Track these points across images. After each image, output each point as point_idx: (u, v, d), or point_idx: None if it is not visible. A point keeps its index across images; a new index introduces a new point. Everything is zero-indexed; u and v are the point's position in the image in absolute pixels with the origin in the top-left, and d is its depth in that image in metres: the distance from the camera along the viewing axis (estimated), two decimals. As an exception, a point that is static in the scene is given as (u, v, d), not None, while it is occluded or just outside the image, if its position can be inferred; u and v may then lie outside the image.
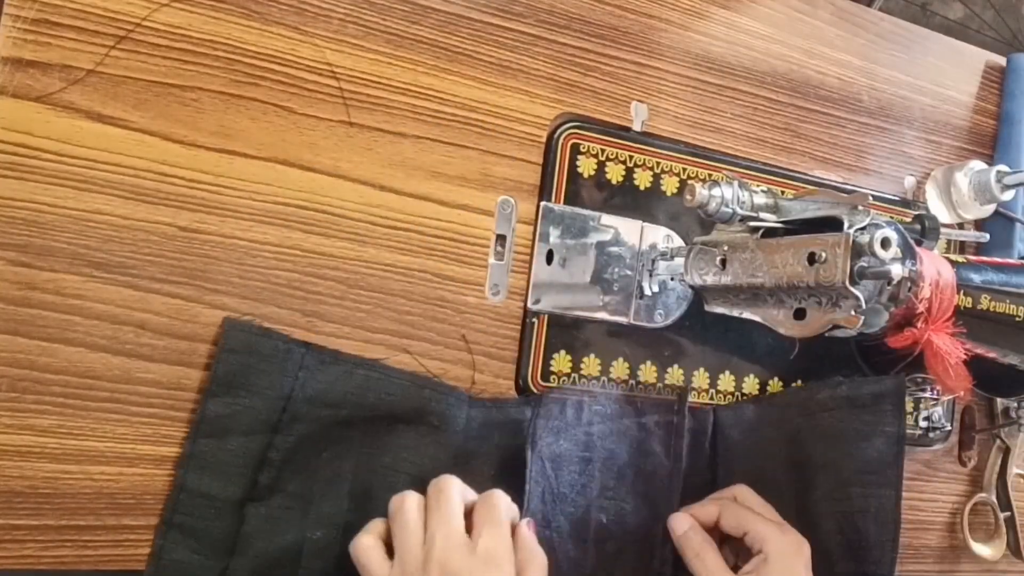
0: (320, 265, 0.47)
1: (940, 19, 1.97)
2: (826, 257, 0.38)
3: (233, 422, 0.43)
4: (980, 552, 0.66)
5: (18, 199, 0.41)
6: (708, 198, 0.41)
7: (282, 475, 0.44)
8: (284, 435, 0.44)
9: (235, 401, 0.43)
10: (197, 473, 0.43)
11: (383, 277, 0.49)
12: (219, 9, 0.45)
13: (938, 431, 0.64)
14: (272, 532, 0.43)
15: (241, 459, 0.43)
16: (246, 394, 0.43)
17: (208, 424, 0.43)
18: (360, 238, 0.48)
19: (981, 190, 0.64)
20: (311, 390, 0.45)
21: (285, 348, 0.44)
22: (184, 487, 0.42)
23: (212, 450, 0.43)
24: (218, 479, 0.43)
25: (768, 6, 0.62)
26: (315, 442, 0.45)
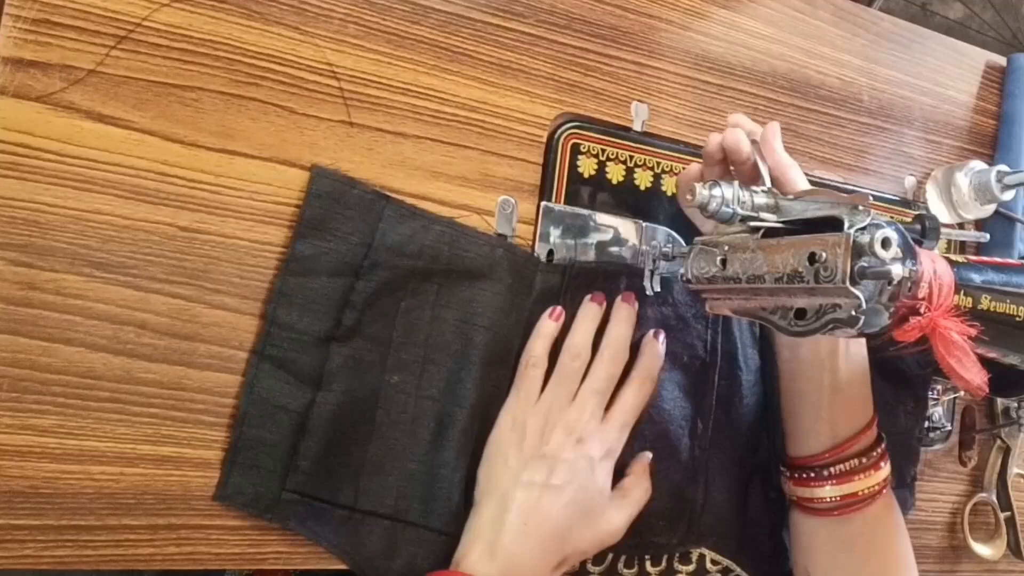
0: (320, 265, 0.47)
1: (940, 19, 1.97)
2: (826, 257, 0.38)
3: (318, 263, 0.46)
4: (980, 552, 0.66)
5: (19, 199, 0.41)
6: (708, 198, 0.41)
7: (363, 319, 0.46)
8: (366, 280, 0.46)
9: (321, 244, 0.46)
10: (286, 308, 0.45)
11: (383, 277, 0.49)
12: (219, 9, 0.45)
13: (938, 431, 0.64)
14: (354, 372, 0.46)
15: (326, 298, 0.46)
16: (331, 238, 0.46)
17: (296, 263, 0.45)
18: (360, 238, 0.48)
19: (981, 190, 0.64)
20: (391, 240, 0.47)
21: (368, 198, 0.47)
22: (274, 321, 0.45)
23: (299, 288, 0.45)
24: (305, 315, 0.45)
25: (768, 6, 0.62)
26: (394, 291, 0.47)
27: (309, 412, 0.45)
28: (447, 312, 0.48)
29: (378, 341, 0.47)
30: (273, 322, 0.45)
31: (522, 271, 0.50)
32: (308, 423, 0.45)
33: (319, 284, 0.45)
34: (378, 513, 0.46)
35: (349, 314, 0.46)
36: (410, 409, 0.47)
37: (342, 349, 0.46)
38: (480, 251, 0.49)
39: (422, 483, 0.47)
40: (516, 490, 0.46)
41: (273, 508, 0.44)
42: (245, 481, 0.44)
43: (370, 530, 0.46)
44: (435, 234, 0.48)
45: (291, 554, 0.46)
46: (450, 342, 0.48)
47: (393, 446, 0.47)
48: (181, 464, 0.44)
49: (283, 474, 0.45)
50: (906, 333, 0.41)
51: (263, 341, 0.45)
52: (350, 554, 0.46)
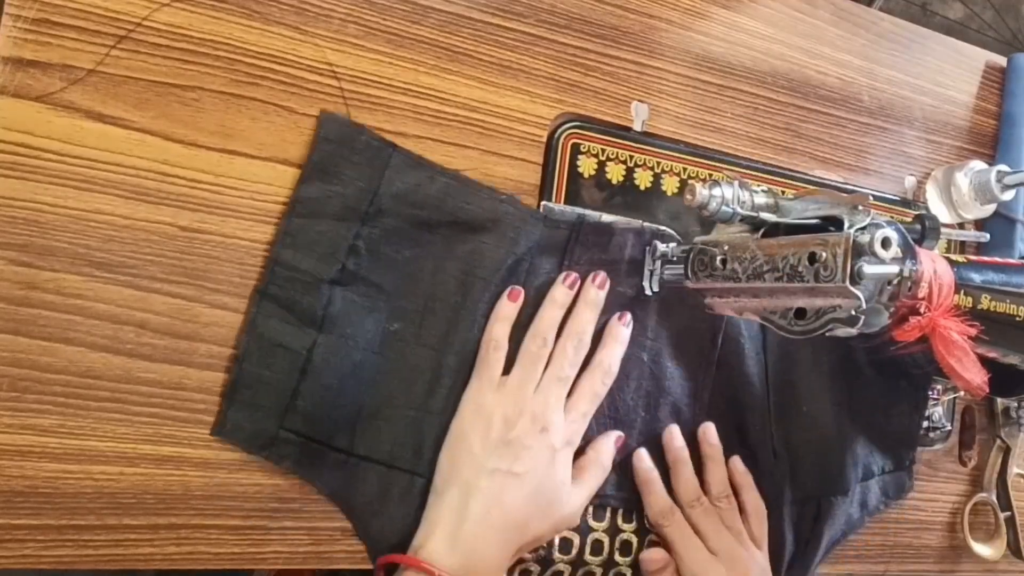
0: (320, 265, 0.47)
1: (940, 19, 1.97)
2: (826, 257, 0.38)
3: (324, 206, 0.46)
4: (980, 552, 0.66)
5: (19, 199, 0.41)
6: (708, 198, 0.41)
7: (366, 265, 0.47)
8: (370, 227, 0.47)
9: (327, 187, 0.46)
10: (291, 249, 0.45)
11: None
12: (220, 9, 0.45)
13: (938, 431, 0.64)
14: (355, 317, 0.46)
15: (330, 242, 0.46)
16: (338, 182, 0.46)
17: (302, 205, 0.45)
18: (360, 238, 0.48)
19: (981, 190, 0.64)
20: (396, 188, 0.47)
21: (376, 145, 0.47)
22: (278, 261, 0.45)
23: (304, 230, 0.45)
24: (309, 257, 0.45)
25: (768, 6, 0.62)
26: (398, 239, 0.47)
27: (310, 354, 0.45)
28: (449, 264, 0.49)
29: (380, 288, 0.47)
30: (277, 262, 0.45)
31: (527, 227, 0.51)
32: (308, 364, 0.45)
33: (324, 227, 0.46)
34: (373, 459, 0.47)
35: (352, 259, 0.46)
36: (409, 357, 0.48)
37: (344, 294, 0.46)
38: (484, 205, 0.49)
39: (417, 431, 0.47)
40: (480, 478, 0.46)
41: (270, 447, 0.44)
42: (243, 417, 0.44)
43: (364, 475, 0.47)
44: (440, 185, 0.48)
45: (291, 554, 0.46)
46: (451, 293, 0.49)
47: (391, 393, 0.47)
48: (181, 464, 0.44)
49: (281, 413, 0.45)
50: (906, 333, 0.41)
51: (266, 280, 0.45)
52: (344, 498, 0.46)
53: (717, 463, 0.55)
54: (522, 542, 0.46)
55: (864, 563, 0.63)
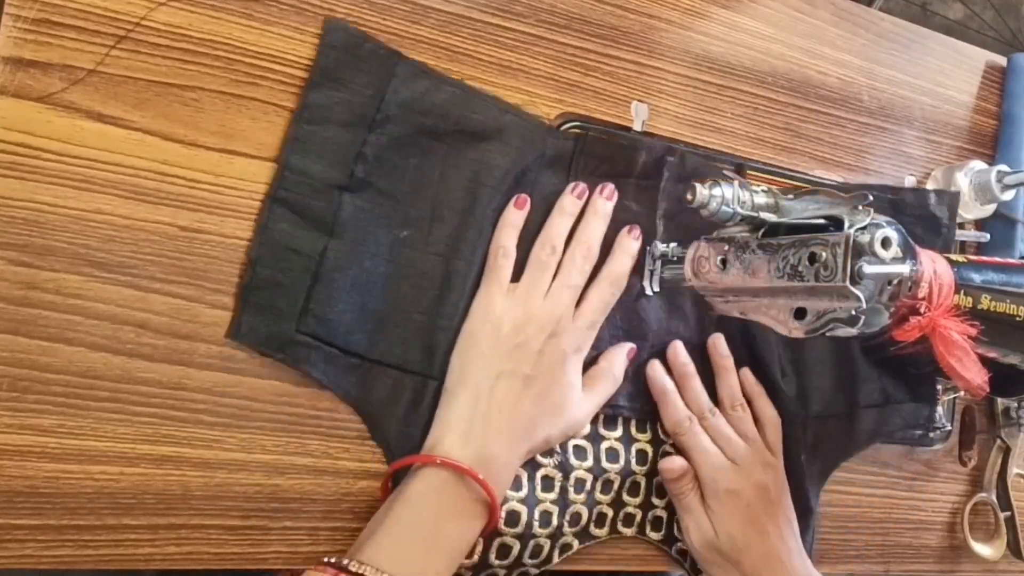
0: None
1: (940, 19, 1.97)
2: (826, 257, 0.38)
3: (332, 112, 0.46)
4: (980, 552, 0.66)
5: (19, 199, 0.41)
6: (708, 198, 0.41)
7: (374, 171, 0.47)
8: (377, 133, 0.47)
9: (334, 94, 0.46)
10: (300, 155, 0.46)
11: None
12: (219, 9, 0.45)
13: (938, 431, 0.64)
14: (364, 224, 0.47)
15: (338, 148, 0.46)
16: (344, 89, 0.46)
17: (310, 111, 0.46)
18: (360, 238, 0.48)
19: (981, 190, 0.64)
20: (402, 96, 0.48)
21: (381, 53, 0.48)
22: (288, 165, 0.45)
23: (313, 136, 0.46)
24: (318, 161, 0.46)
25: (768, 6, 0.62)
26: (405, 147, 0.48)
27: (321, 258, 0.46)
28: (456, 172, 0.49)
29: (388, 195, 0.48)
30: (287, 167, 0.45)
31: (532, 137, 0.51)
32: (320, 269, 0.46)
33: (332, 133, 0.46)
34: (385, 362, 0.47)
35: (360, 166, 0.47)
36: (418, 264, 0.48)
37: (353, 200, 0.47)
38: (489, 114, 0.50)
39: (428, 335, 0.48)
40: (490, 379, 0.47)
41: (286, 349, 0.45)
42: (259, 321, 0.45)
43: (378, 379, 0.47)
44: (446, 94, 0.49)
45: (291, 554, 0.46)
46: (458, 201, 0.49)
47: (401, 299, 0.48)
48: (181, 464, 0.44)
49: (296, 316, 0.45)
50: (906, 333, 0.41)
51: (276, 185, 0.45)
52: (359, 401, 0.47)
53: (729, 372, 0.55)
54: (531, 444, 0.48)
55: (864, 563, 0.63)
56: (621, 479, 0.52)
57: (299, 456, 0.46)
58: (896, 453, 0.64)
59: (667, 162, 0.54)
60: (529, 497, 0.49)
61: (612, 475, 0.52)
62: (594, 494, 0.52)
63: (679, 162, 0.55)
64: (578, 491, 0.51)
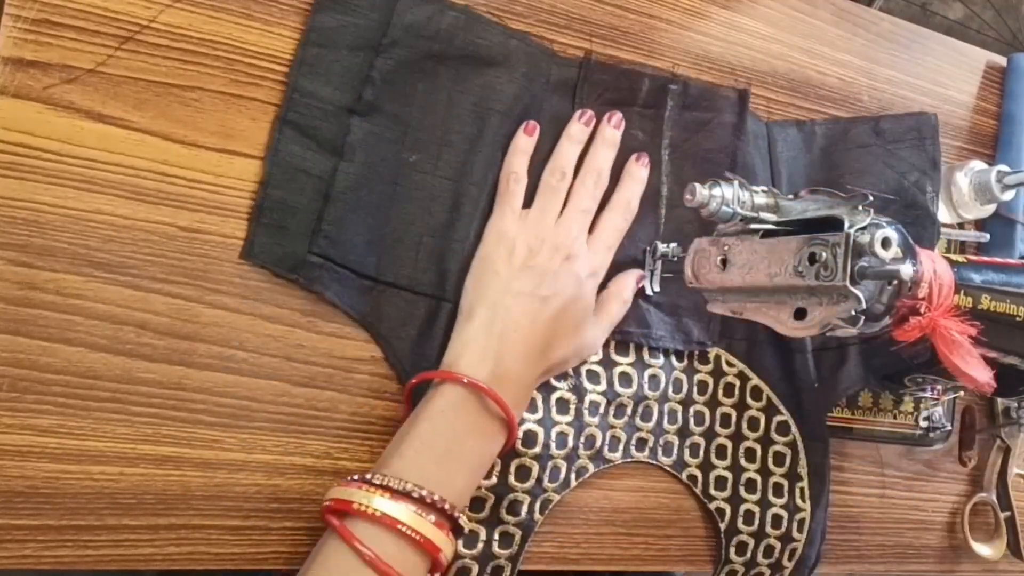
0: (320, 265, 0.47)
1: (940, 19, 1.97)
2: (826, 257, 0.38)
3: (339, 36, 0.47)
4: (980, 552, 0.66)
5: (18, 199, 0.41)
6: (708, 198, 0.41)
7: (382, 95, 0.48)
8: (384, 57, 0.48)
9: (341, 17, 0.47)
10: (308, 77, 0.46)
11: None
12: (219, 9, 0.45)
13: (938, 431, 0.64)
14: (373, 147, 0.47)
15: (346, 71, 0.47)
16: (350, 12, 0.47)
17: (317, 34, 0.46)
18: (360, 238, 0.48)
19: (981, 190, 0.64)
20: (408, 19, 0.48)
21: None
22: (296, 88, 0.46)
23: (320, 58, 0.46)
24: (326, 84, 0.47)
25: (768, 6, 0.62)
26: (412, 72, 0.49)
27: (332, 180, 0.46)
28: (463, 97, 0.50)
29: (396, 120, 0.48)
30: (295, 89, 0.46)
31: (537, 62, 0.52)
32: (331, 191, 0.46)
33: (339, 56, 0.47)
34: (397, 285, 0.48)
35: (368, 89, 0.47)
36: (427, 187, 0.49)
37: (362, 123, 0.47)
38: (494, 39, 0.51)
39: (440, 258, 0.49)
40: (506, 298, 0.47)
41: (299, 269, 0.45)
42: (271, 241, 0.45)
43: (390, 301, 0.48)
44: (450, 19, 0.49)
45: (291, 554, 0.46)
46: (466, 125, 0.50)
47: (411, 221, 0.48)
48: (181, 464, 0.44)
49: (308, 237, 0.46)
50: (906, 333, 0.41)
51: (285, 107, 0.46)
52: (372, 324, 0.48)
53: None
54: (547, 364, 0.48)
55: (864, 563, 0.63)
56: (634, 404, 0.53)
57: (299, 456, 0.46)
58: (896, 453, 0.64)
59: (670, 90, 0.55)
60: (545, 419, 0.50)
61: (625, 399, 0.53)
62: (607, 417, 0.52)
63: (682, 90, 0.56)
64: (592, 414, 0.51)
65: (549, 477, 0.50)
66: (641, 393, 0.53)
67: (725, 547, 0.55)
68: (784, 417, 0.57)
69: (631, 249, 0.53)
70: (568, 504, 0.52)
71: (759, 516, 0.55)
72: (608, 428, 0.52)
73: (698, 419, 0.55)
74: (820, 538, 0.57)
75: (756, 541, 0.55)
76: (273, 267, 0.45)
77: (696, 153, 0.55)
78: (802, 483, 0.57)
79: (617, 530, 0.54)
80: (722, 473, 0.55)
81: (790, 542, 0.56)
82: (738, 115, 0.57)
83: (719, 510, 0.55)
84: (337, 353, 0.47)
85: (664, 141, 0.55)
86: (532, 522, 0.50)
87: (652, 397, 0.53)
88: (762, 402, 0.56)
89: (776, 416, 0.57)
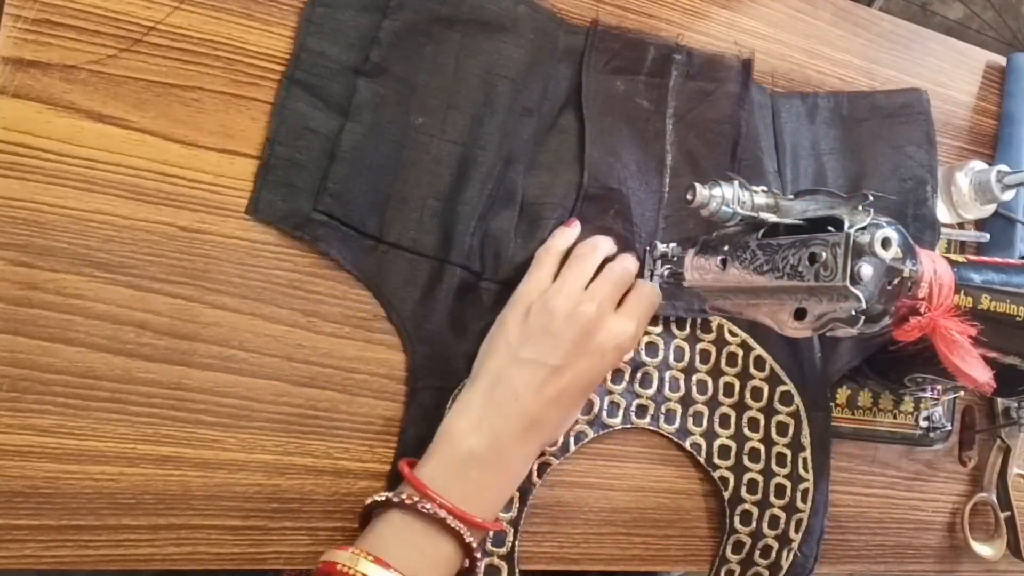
0: (321, 265, 0.47)
1: (940, 19, 1.97)
2: (826, 257, 0.38)
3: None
4: (980, 552, 0.66)
5: (19, 199, 0.41)
6: (708, 198, 0.41)
7: (389, 57, 0.48)
8: (392, 19, 0.48)
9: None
10: (316, 36, 0.47)
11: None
12: (219, 9, 0.45)
13: (938, 431, 0.64)
14: (380, 108, 0.48)
15: (353, 31, 0.47)
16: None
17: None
18: (360, 238, 0.48)
19: (981, 190, 0.64)
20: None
21: None
22: (304, 47, 0.46)
23: (327, 18, 0.47)
24: (334, 44, 0.47)
25: (768, 6, 0.62)
26: (419, 34, 0.49)
27: (338, 139, 0.46)
28: (471, 62, 0.50)
29: (403, 82, 0.48)
30: (303, 48, 0.46)
31: (545, 29, 0.52)
32: (337, 150, 0.46)
33: (346, 16, 0.47)
34: (400, 246, 0.48)
35: (376, 51, 0.47)
36: (433, 150, 0.49)
37: (369, 85, 0.47)
38: (502, 5, 0.51)
39: (442, 219, 0.49)
40: (512, 366, 0.45)
41: (304, 227, 0.46)
42: (276, 197, 0.45)
43: (392, 261, 0.48)
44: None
45: (291, 554, 0.46)
46: (474, 90, 0.50)
47: (416, 183, 0.48)
48: (181, 464, 0.44)
49: (313, 195, 0.46)
50: (906, 333, 0.41)
51: (293, 66, 0.46)
52: (376, 284, 0.48)
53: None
54: (542, 440, 0.46)
55: (864, 563, 0.63)
56: (631, 369, 0.53)
57: (299, 456, 0.46)
58: (896, 453, 0.64)
59: (674, 60, 0.55)
60: None
61: (621, 365, 0.53)
62: (605, 384, 0.52)
63: (686, 60, 0.56)
64: None
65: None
66: (638, 359, 0.53)
67: (730, 516, 0.55)
68: (787, 387, 0.57)
69: (636, 217, 0.53)
70: (568, 504, 0.52)
71: (762, 485, 0.55)
72: (606, 393, 0.52)
73: (701, 388, 0.55)
74: (824, 508, 0.57)
75: (760, 511, 0.55)
76: (278, 224, 0.45)
77: (700, 123, 0.56)
78: (805, 453, 0.57)
79: (617, 530, 0.54)
80: (726, 442, 0.55)
81: (795, 512, 0.56)
82: (742, 85, 0.57)
83: (723, 479, 0.55)
84: (337, 353, 0.47)
85: (668, 111, 0.55)
86: (530, 484, 0.50)
87: (651, 364, 0.53)
88: (765, 372, 0.57)
89: (779, 386, 0.57)
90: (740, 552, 0.55)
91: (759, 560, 0.55)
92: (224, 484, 0.45)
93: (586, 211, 0.52)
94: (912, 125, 0.63)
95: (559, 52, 0.53)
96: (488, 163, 0.49)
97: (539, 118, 0.52)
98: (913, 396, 0.63)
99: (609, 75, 0.54)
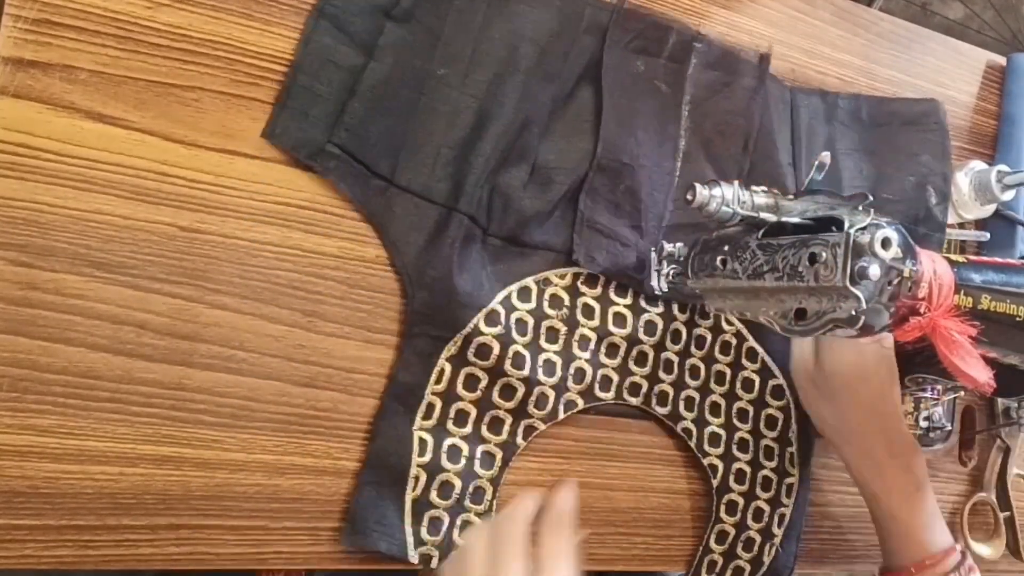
0: (321, 265, 0.47)
1: (940, 19, 1.97)
2: (826, 257, 0.38)
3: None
4: (980, 552, 0.66)
5: (19, 199, 0.41)
6: (708, 198, 0.41)
7: (419, 5, 0.49)
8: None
9: None
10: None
11: (383, 277, 0.49)
12: (219, 9, 0.45)
13: (938, 431, 0.64)
14: (404, 52, 0.48)
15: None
16: None
17: None
18: (361, 238, 0.48)
19: (982, 190, 0.64)
20: None
21: None
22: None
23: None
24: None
25: (768, 6, 0.62)
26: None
27: (360, 77, 0.47)
28: (497, 21, 0.51)
29: (430, 32, 0.49)
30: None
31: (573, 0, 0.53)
32: (358, 87, 0.47)
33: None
34: (410, 189, 0.48)
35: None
36: (452, 101, 0.50)
37: (396, 28, 0.48)
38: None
39: (455, 168, 0.49)
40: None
41: (316, 157, 0.46)
42: (293, 124, 0.46)
43: (401, 204, 0.48)
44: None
45: (292, 554, 0.46)
46: (497, 49, 0.51)
47: (432, 131, 0.49)
48: (181, 464, 0.44)
49: (329, 127, 0.47)
50: (906, 333, 0.41)
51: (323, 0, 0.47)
52: (382, 225, 0.48)
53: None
54: None
55: (864, 563, 0.63)
56: (627, 346, 0.53)
57: (299, 456, 0.46)
58: (896, 453, 0.64)
59: (695, 48, 0.56)
60: (531, 345, 0.50)
61: (617, 339, 0.53)
62: (599, 355, 0.52)
63: (707, 48, 0.56)
64: (583, 348, 0.52)
65: (536, 403, 0.50)
66: (635, 336, 0.53)
67: (716, 504, 0.55)
68: (779, 381, 0.57)
69: (645, 195, 0.53)
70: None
71: (750, 476, 0.56)
72: (600, 367, 0.52)
73: (693, 373, 0.55)
74: (804, 506, 0.57)
75: (746, 501, 0.55)
76: (291, 151, 0.46)
77: (715, 113, 0.56)
78: (791, 448, 0.57)
79: (617, 530, 0.54)
80: (716, 430, 0.56)
81: (779, 507, 0.56)
82: (758, 79, 0.58)
83: (712, 466, 0.55)
84: (337, 353, 0.47)
85: (685, 97, 0.56)
86: (514, 445, 0.50)
87: (647, 343, 0.53)
88: (757, 364, 0.57)
89: (771, 380, 0.57)
90: (723, 543, 0.55)
91: (741, 553, 0.55)
92: (224, 484, 0.45)
93: (597, 182, 0.52)
94: (929, 135, 0.64)
95: (584, 23, 0.53)
96: (505, 120, 0.50)
97: (559, 85, 0.52)
98: (913, 396, 0.63)
99: (631, 53, 0.54)
